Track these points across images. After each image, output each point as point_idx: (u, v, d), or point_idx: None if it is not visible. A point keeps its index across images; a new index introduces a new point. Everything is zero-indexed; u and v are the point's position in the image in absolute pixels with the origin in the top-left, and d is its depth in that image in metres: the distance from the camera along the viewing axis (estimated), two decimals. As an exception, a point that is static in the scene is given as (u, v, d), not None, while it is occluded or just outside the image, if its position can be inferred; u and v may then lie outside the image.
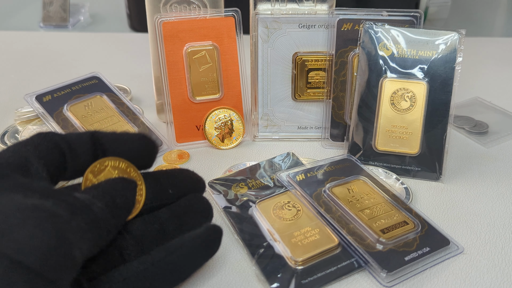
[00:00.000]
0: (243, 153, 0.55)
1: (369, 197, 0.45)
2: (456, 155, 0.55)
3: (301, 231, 0.41)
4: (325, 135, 0.56)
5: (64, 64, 0.78)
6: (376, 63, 0.50)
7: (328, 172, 0.48)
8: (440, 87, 0.49)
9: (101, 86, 0.58)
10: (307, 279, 0.37)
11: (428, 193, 0.48)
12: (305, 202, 0.45)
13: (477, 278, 0.39)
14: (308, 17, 0.53)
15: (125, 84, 0.67)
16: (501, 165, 0.53)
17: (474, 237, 0.43)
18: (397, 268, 0.38)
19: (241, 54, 0.55)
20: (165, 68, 0.53)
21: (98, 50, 0.84)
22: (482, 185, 0.50)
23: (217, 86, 0.55)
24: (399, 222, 0.42)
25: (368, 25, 0.51)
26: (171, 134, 0.55)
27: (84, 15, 0.99)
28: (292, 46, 0.55)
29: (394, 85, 0.50)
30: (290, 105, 0.57)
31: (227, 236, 0.43)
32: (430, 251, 0.39)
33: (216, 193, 0.47)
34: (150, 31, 0.56)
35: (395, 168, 0.51)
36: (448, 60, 0.49)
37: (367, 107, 0.51)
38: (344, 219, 0.42)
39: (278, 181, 0.48)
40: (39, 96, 0.55)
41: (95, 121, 0.54)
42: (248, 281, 0.38)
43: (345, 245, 0.40)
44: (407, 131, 0.50)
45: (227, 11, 0.54)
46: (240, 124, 0.56)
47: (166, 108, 0.54)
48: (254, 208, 0.44)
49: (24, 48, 0.85)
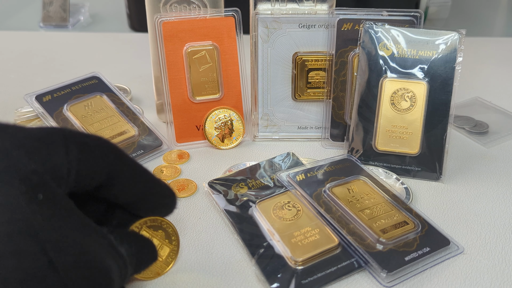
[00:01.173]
0: (243, 153, 0.55)
1: (369, 197, 0.44)
2: (456, 155, 0.55)
3: (301, 231, 0.41)
4: (325, 135, 0.56)
5: (64, 64, 0.78)
6: (376, 63, 0.50)
7: (328, 172, 0.48)
8: (440, 87, 0.49)
9: (101, 86, 0.58)
10: (307, 279, 0.37)
11: (428, 193, 0.48)
12: (305, 202, 0.45)
13: (477, 278, 0.39)
14: (308, 17, 0.53)
15: (125, 84, 0.67)
16: (501, 165, 0.53)
17: (474, 237, 0.43)
18: (397, 268, 0.38)
19: (241, 54, 0.55)
20: (165, 68, 0.53)
21: (98, 50, 0.84)
22: (482, 185, 0.50)
23: (217, 86, 0.55)
24: (399, 222, 0.42)
25: (368, 25, 0.51)
26: (171, 134, 0.55)
27: (84, 15, 0.99)
28: (292, 46, 0.55)
29: (394, 85, 0.50)
30: (290, 105, 0.57)
31: (227, 236, 0.43)
32: (430, 251, 0.39)
33: (216, 193, 0.47)
34: (150, 31, 0.56)
35: (395, 168, 0.51)
36: (448, 60, 0.49)
37: (367, 107, 0.51)
38: (344, 219, 0.42)
39: (278, 181, 0.48)
40: (39, 96, 0.55)
41: (95, 121, 0.54)
42: (248, 281, 0.38)
43: (345, 245, 0.40)
44: (407, 131, 0.50)
45: (227, 11, 0.54)
46: (240, 124, 0.56)
47: (166, 108, 0.54)
48: (254, 208, 0.44)
49: (24, 48, 0.85)
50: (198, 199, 0.48)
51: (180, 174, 0.51)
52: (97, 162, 0.31)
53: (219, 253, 0.41)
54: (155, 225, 0.37)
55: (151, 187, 0.34)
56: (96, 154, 0.31)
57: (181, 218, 0.45)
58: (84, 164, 0.30)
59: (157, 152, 0.54)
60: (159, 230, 0.37)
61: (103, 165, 0.31)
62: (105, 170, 0.32)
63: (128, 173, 0.33)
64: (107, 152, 0.32)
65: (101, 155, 0.32)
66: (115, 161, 0.32)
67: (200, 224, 0.44)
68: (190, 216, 0.45)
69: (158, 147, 0.54)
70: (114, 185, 0.33)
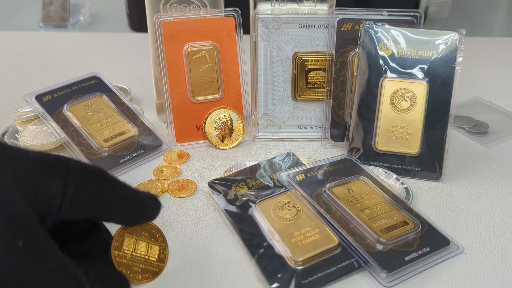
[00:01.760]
0: (243, 153, 0.55)
1: (369, 197, 0.44)
2: (456, 155, 0.55)
3: (301, 231, 0.41)
4: (325, 135, 0.56)
5: (64, 64, 0.78)
6: (376, 63, 0.50)
7: (328, 172, 0.48)
8: (440, 87, 0.49)
9: (101, 86, 0.58)
10: (307, 279, 0.37)
11: (428, 193, 0.48)
12: (305, 202, 0.45)
13: (477, 278, 0.39)
14: (308, 17, 0.53)
15: (125, 84, 0.67)
16: (501, 165, 0.53)
17: (474, 237, 0.43)
18: (397, 268, 0.38)
19: (241, 54, 0.55)
20: (165, 68, 0.53)
21: (98, 50, 0.84)
22: (482, 185, 0.50)
23: (217, 86, 0.55)
24: (399, 222, 0.42)
25: (368, 25, 0.51)
26: (171, 134, 0.55)
27: (84, 15, 0.99)
28: (292, 46, 0.55)
29: (394, 85, 0.50)
30: (290, 105, 0.57)
31: (227, 236, 0.43)
32: (430, 251, 0.39)
33: (216, 193, 0.47)
34: (150, 31, 0.56)
35: (395, 168, 0.51)
36: (448, 60, 0.49)
37: (367, 107, 0.51)
38: (344, 219, 0.42)
39: (278, 181, 0.48)
40: (39, 96, 0.55)
41: (95, 121, 0.54)
42: (248, 281, 0.38)
43: (345, 245, 0.40)
44: (407, 131, 0.50)
45: (227, 11, 0.54)
46: (240, 124, 0.56)
47: (166, 108, 0.54)
48: (254, 208, 0.44)
49: (24, 48, 0.85)
50: (198, 199, 0.48)
51: (180, 174, 0.51)
52: (91, 203, 0.32)
53: (219, 253, 0.41)
54: (136, 228, 0.37)
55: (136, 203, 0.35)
56: (92, 195, 0.32)
57: (181, 218, 0.45)
58: (77, 203, 0.31)
59: (157, 152, 0.54)
60: (142, 232, 0.37)
61: (96, 204, 0.33)
62: (98, 208, 0.33)
63: (120, 201, 0.34)
64: (104, 190, 0.33)
65: (96, 195, 0.32)
66: (110, 200, 0.33)
67: (200, 224, 0.44)
68: (190, 216, 0.45)
69: (158, 147, 0.54)
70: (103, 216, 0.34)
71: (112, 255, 0.36)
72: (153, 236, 0.38)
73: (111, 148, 0.52)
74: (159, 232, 0.38)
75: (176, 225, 0.44)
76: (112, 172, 0.51)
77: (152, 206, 0.36)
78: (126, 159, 0.52)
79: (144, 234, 0.38)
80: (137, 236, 0.37)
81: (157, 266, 0.38)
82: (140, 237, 0.37)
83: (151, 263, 0.38)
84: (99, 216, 0.35)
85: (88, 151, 0.51)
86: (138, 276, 0.37)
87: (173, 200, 0.47)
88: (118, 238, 0.36)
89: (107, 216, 0.35)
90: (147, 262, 0.38)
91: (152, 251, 0.38)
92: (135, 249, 0.37)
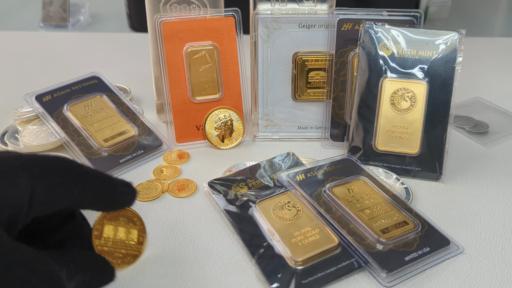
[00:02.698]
0: (243, 153, 0.55)
1: (369, 197, 0.44)
2: (456, 155, 0.55)
3: (301, 231, 0.41)
4: (325, 135, 0.56)
5: (64, 64, 0.78)
6: (376, 63, 0.50)
7: (328, 172, 0.48)
8: (440, 87, 0.49)
9: (101, 86, 0.58)
10: (307, 279, 0.37)
11: (428, 193, 0.48)
12: (305, 202, 0.45)
13: (477, 278, 0.39)
14: (308, 17, 0.53)
15: (125, 84, 0.68)
16: (501, 165, 0.53)
17: (474, 237, 0.43)
18: (397, 268, 0.38)
19: (241, 54, 0.55)
20: (165, 68, 0.53)
21: (98, 50, 0.84)
22: (482, 185, 0.50)
23: (217, 86, 0.55)
24: (399, 222, 0.42)
25: (368, 25, 0.51)
26: (171, 134, 0.55)
27: (84, 15, 0.99)
28: (292, 46, 0.55)
29: (394, 85, 0.50)
30: (290, 105, 0.57)
31: (227, 236, 0.43)
32: (430, 251, 0.39)
33: (216, 193, 0.47)
34: (150, 31, 0.56)
35: (395, 168, 0.51)
36: (448, 60, 0.49)
37: (367, 107, 0.51)
38: (344, 219, 0.42)
39: (278, 181, 0.48)
40: (39, 96, 0.55)
41: (95, 121, 0.54)
42: (248, 281, 0.38)
43: (345, 245, 0.40)
44: (407, 131, 0.50)
45: (227, 11, 0.54)
46: (240, 124, 0.56)
47: (166, 108, 0.54)
48: (254, 208, 0.44)
49: (24, 48, 0.85)
50: (198, 199, 0.48)
51: (180, 174, 0.51)
52: (61, 199, 0.32)
53: (219, 253, 0.41)
54: (114, 215, 0.37)
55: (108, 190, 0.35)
56: (61, 192, 0.32)
57: (181, 218, 0.45)
58: (47, 203, 0.31)
59: (157, 152, 0.54)
60: (120, 218, 0.38)
61: (67, 198, 0.32)
62: (69, 202, 0.33)
63: (91, 192, 0.34)
64: (74, 184, 0.33)
65: (66, 191, 0.32)
66: (81, 192, 0.33)
67: (200, 224, 0.44)
68: (190, 216, 0.45)
69: (158, 147, 0.54)
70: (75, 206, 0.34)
71: (94, 244, 0.36)
72: (131, 220, 0.38)
73: (111, 148, 0.52)
74: (136, 215, 0.39)
75: (176, 225, 0.44)
76: (112, 172, 0.51)
77: (126, 193, 0.36)
78: (126, 159, 0.52)
79: (123, 219, 0.38)
80: (116, 222, 0.38)
81: (137, 249, 0.39)
82: (119, 223, 0.38)
83: (131, 247, 0.38)
84: (72, 207, 0.34)
85: (88, 151, 0.52)
86: (119, 261, 0.38)
87: (173, 200, 0.47)
88: (98, 227, 0.36)
89: (79, 206, 0.35)
90: (127, 246, 0.38)
91: (132, 235, 0.39)
92: (115, 235, 0.37)
